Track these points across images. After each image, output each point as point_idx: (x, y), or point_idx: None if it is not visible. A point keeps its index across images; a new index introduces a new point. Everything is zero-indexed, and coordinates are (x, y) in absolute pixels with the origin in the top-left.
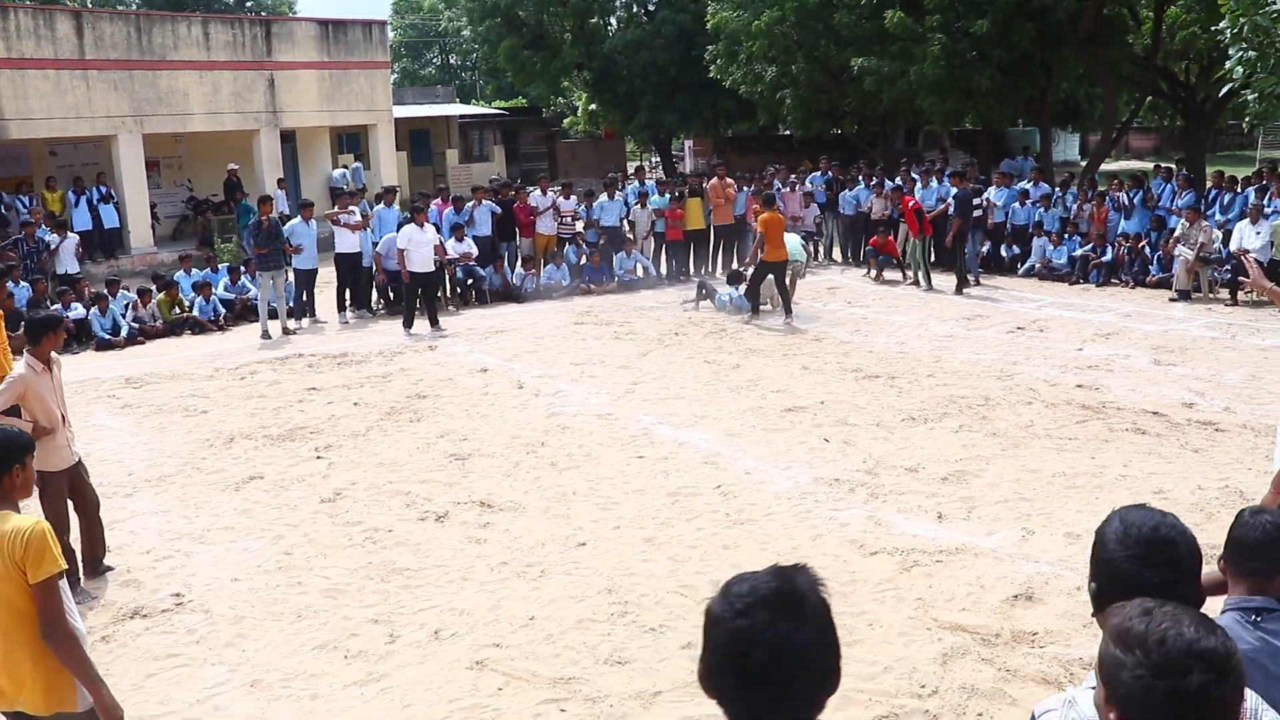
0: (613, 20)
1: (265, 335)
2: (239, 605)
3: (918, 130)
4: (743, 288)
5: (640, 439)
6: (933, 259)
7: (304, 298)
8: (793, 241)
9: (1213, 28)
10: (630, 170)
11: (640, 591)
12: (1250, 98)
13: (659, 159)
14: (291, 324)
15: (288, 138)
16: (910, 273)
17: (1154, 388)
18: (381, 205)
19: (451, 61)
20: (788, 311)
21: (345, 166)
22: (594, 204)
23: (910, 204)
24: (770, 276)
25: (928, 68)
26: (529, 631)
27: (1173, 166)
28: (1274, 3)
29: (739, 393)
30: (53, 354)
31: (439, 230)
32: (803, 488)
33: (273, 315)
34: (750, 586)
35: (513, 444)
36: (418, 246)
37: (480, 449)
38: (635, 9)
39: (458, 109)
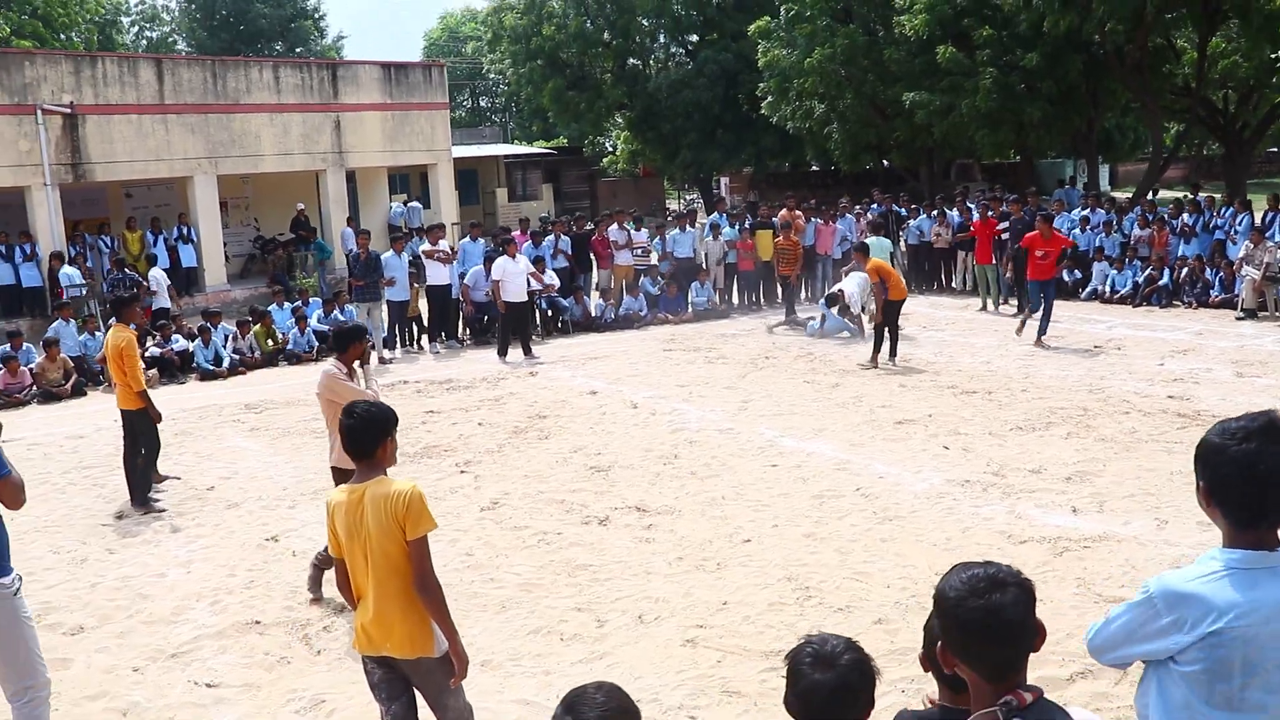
0: (650, 61)
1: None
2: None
3: (950, 164)
4: (835, 309)
5: (768, 450)
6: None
7: (397, 329)
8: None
9: (1273, 54)
10: (677, 206)
11: (818, 578)
12: None
13: (695, 196)
14: (386, 354)
15: (349, 177)
16: (982, 298)
17: (1243, 397)
18: (468, 239)
19: (481, 104)
20: (893, 353)
21: (404, 203)
22: (668, 236)
23: (991, 230)
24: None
25: (980, 100)
26: (726, 614)
27: (1211, 196)
28: None
29: (847, 408)
30: (356, 363)
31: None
32: (938, 489)
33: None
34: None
35: (647, 456)
36: (511, 277)
37: (617, 461)
38: (674, 49)
39: (506, 149)
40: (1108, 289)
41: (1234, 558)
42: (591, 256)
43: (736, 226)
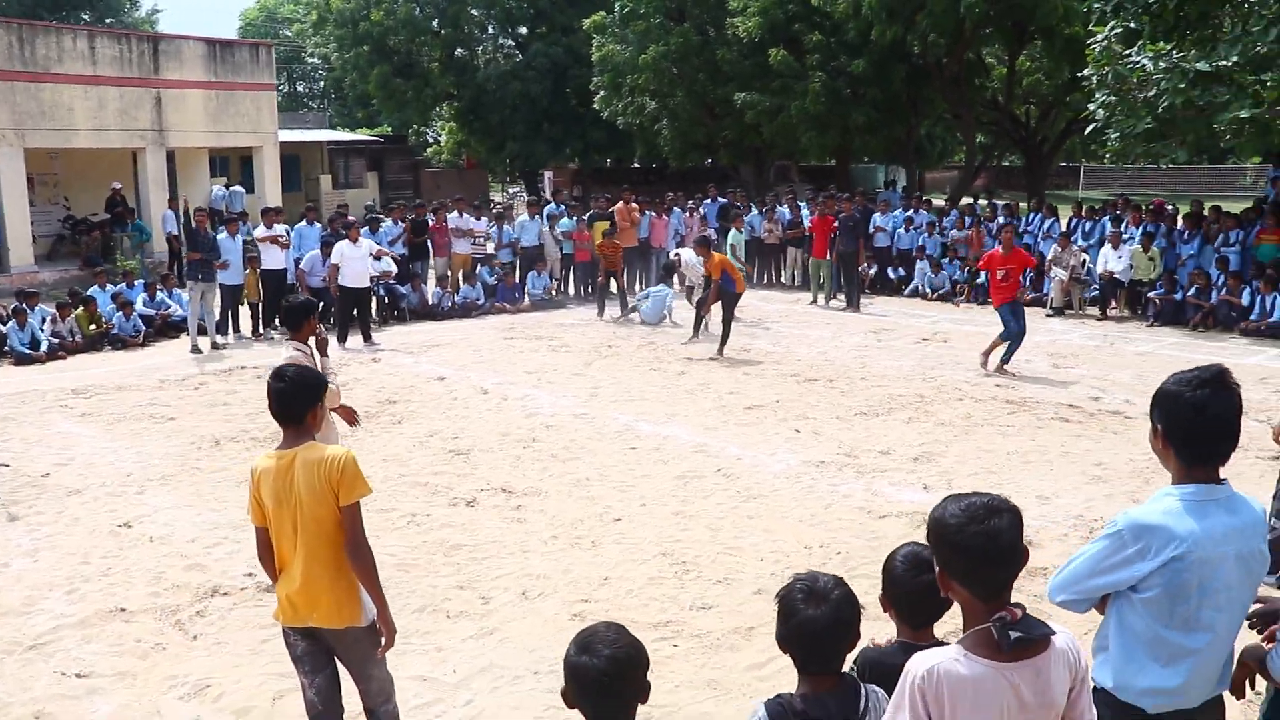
0: (480, 51)
1: (195, 350)
2: None
3: (768, 165)
4: (673, 278)
5: (626, 434)
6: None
7: (230, 314)
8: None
9: (1079, 74)
10: (500, 199)
11: (693, 554)
12: (1112, 136)
13: (519, 189)
14: (220, 339)
15: (168, 158)
16: (814, 292)
17: (1061, 386)
18: (303, 223)
19: (299, 89)
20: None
21: (226, 187)
22: (515, 223)
23: (828, 227)
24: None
25: (809, 103)
26: (608, 589)
27: (1013, 203)
28: (1130, 55)
29: (696, 395)
30: (313, 343)
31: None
32: (795, 469)
33: (201, 331)
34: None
35: (505, 440)
36: (350, 262)
37: (476, 445)
38: (504, 41)
39: (330, 135)
40: (928, 287)
41: (1188, 492)
42: (429, 244)
43: (574, 219)
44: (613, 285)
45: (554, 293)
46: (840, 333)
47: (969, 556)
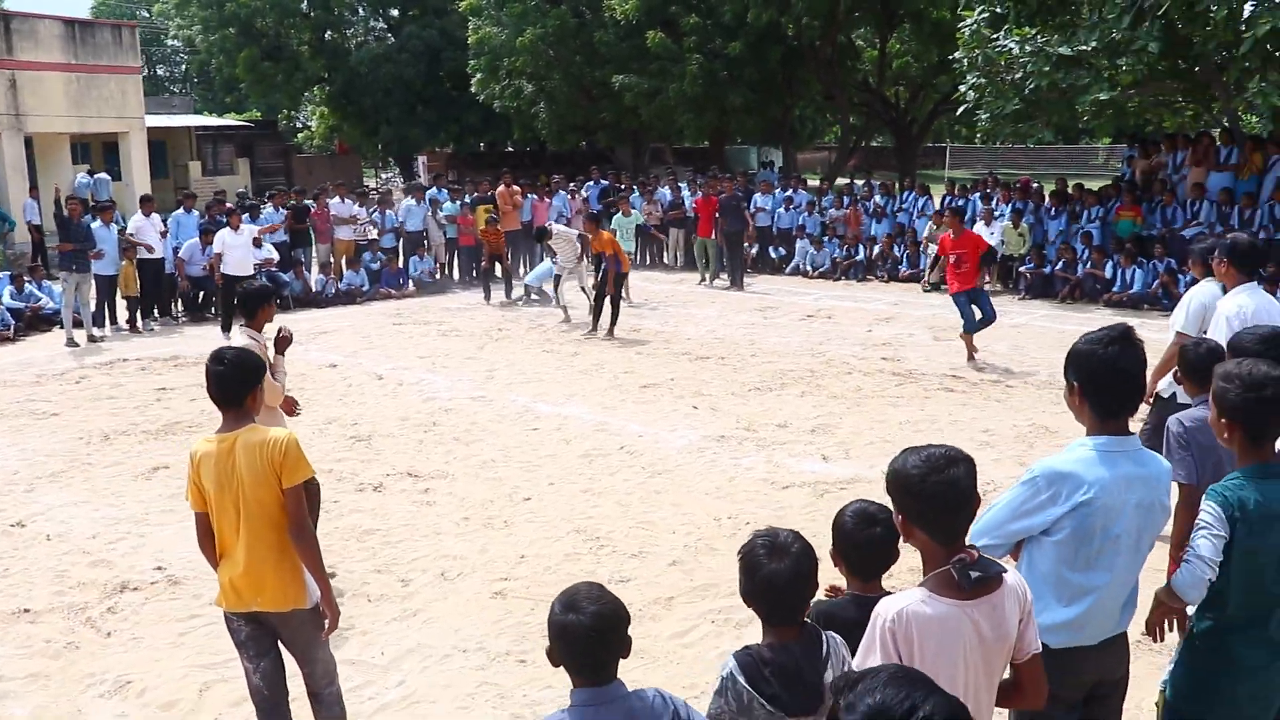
0: (351, 34)
1: (71, 343)
2: (210, 579)
3: (645, 147)
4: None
5: (525, 415)
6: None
7: (106, 305)
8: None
9: (950, 57)
10: (374, 184)
11: (606, 529)
12: (983, 117)
13: (393, 174)
14: (96, 331)
15: (26, 143)
16: (700, 271)
17: (944, 358)
18: (180, 211)
19: (159, 72)
20: (612, 324)
21: (90, 174)
22: (398, 208)
23: (711, 207)
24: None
25: (687, 85)
26: (527, 566)
27: (887, 182)
28: (998, 38)
29: (591, 375)
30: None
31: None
32: (696, 444)
33: (76, 323)
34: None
35: (405, 425)
36: (233, 250)
37: (376, 431)
38: (375, 23)
39: (198, 120)
40: (809, 265)
41: (1100, 442)
42: (311, 231)
43: (458, 203)
44: (498, 269)
45: (438, 277)
46: (727, 311)
47: (930, 504)
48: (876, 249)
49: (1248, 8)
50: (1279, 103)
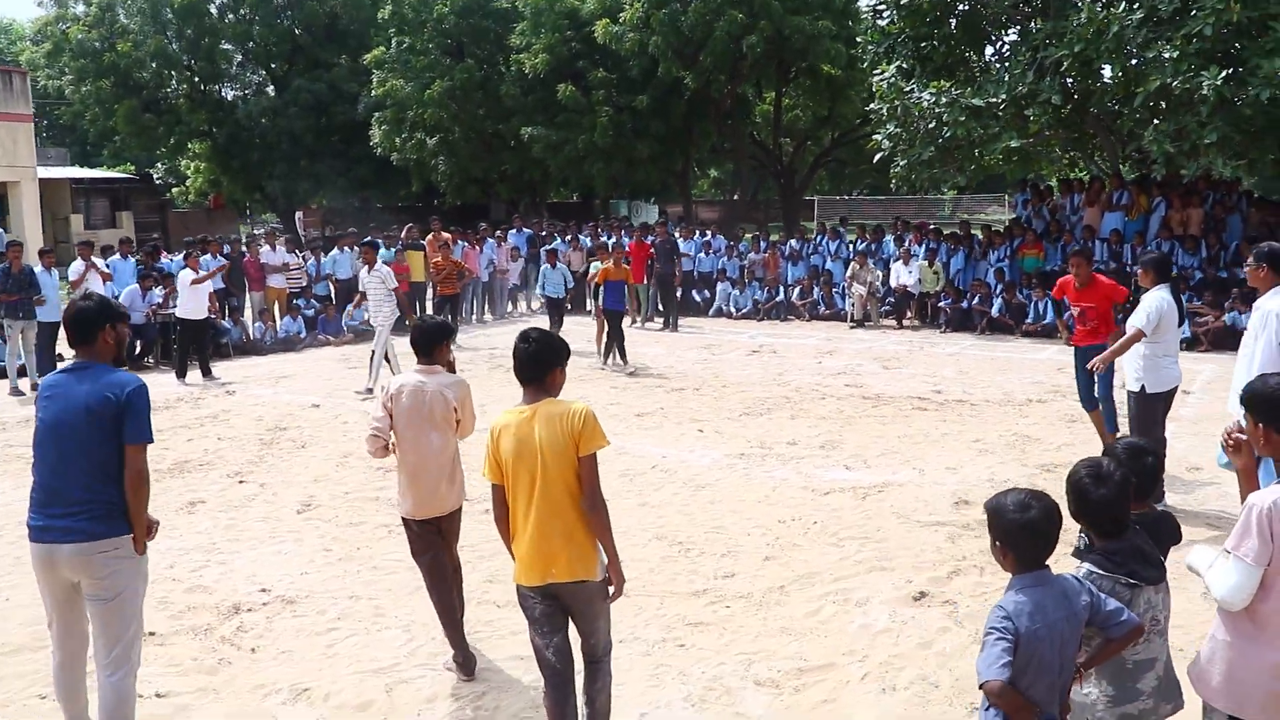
0: (236, 87)
1: (16, 391)
2: (336, 593)
3: (518, 201)
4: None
5: None
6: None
7: (47, 352)
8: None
9: (867, 108)
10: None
11: (684, 535)
12: (900, 164)
13: (272, 228)
14: (24, 384)
15: None
16: (631, 314)
17: (901, 383)
18: (117, 257)
19: None
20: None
21: None
22: (326, 258)
23: (645, 253)
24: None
25: (597, 136)
26: (633, 570)
27: (823, 223)
28: (911, 89)
29: None
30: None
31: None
32: (721, 461)
33: (20, 372)
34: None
35: None
36: (190, 294)
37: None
38: (259, 76)
39: (79, 172)
40: (732, 308)
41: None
42: (244, 280)
43: (391, 250)
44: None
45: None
46: (674, 349)
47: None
48: (797, 291)
49: (1134, 62)
50: (1170, 149)
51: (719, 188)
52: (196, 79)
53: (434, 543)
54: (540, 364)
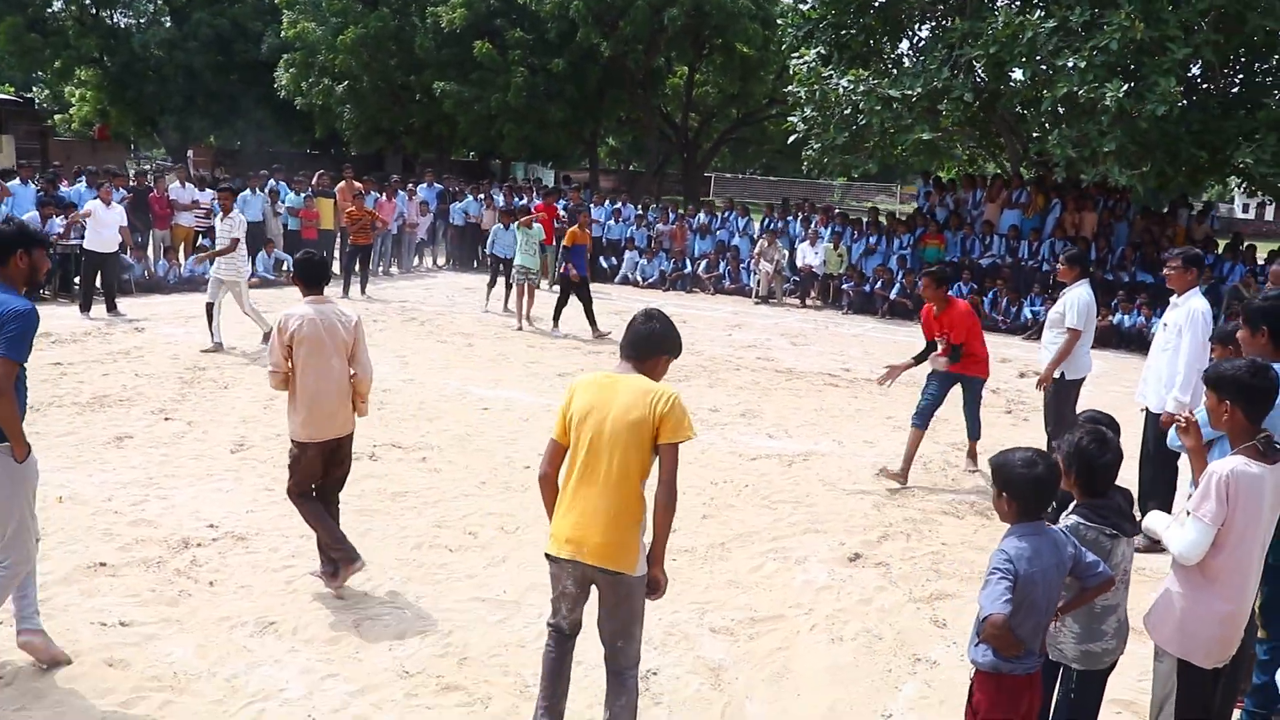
0: (125, 14)
1: None
2: (286, 531)
3: (414, 158)
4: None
5: (466, 397)
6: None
7: None
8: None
9: (785, 90)
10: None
11: None
12: (814, 147)
13: (166, 162)
14: None
15: None
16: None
17: (811, 360)
18: (16, 181)
19: None
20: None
21: None
22: (238, 198)
23: (552, 214)
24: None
25: (511, 96)
26: None
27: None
28: (829, 75)
29: (500, 364)
30: None
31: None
32: None
33: None
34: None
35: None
36: (102, 224)
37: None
38: (148, 3)
39: None
40: (639, 276)
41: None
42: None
43: (300, 195)
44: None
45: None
46: (580, 314)
47: (1258, 400)
48: (704, 264)
49: (1044, 68)
50: (1072, 154)
51: (614, 157)
52: (87, 1)
53: (319, 470)
54: (654, 346)
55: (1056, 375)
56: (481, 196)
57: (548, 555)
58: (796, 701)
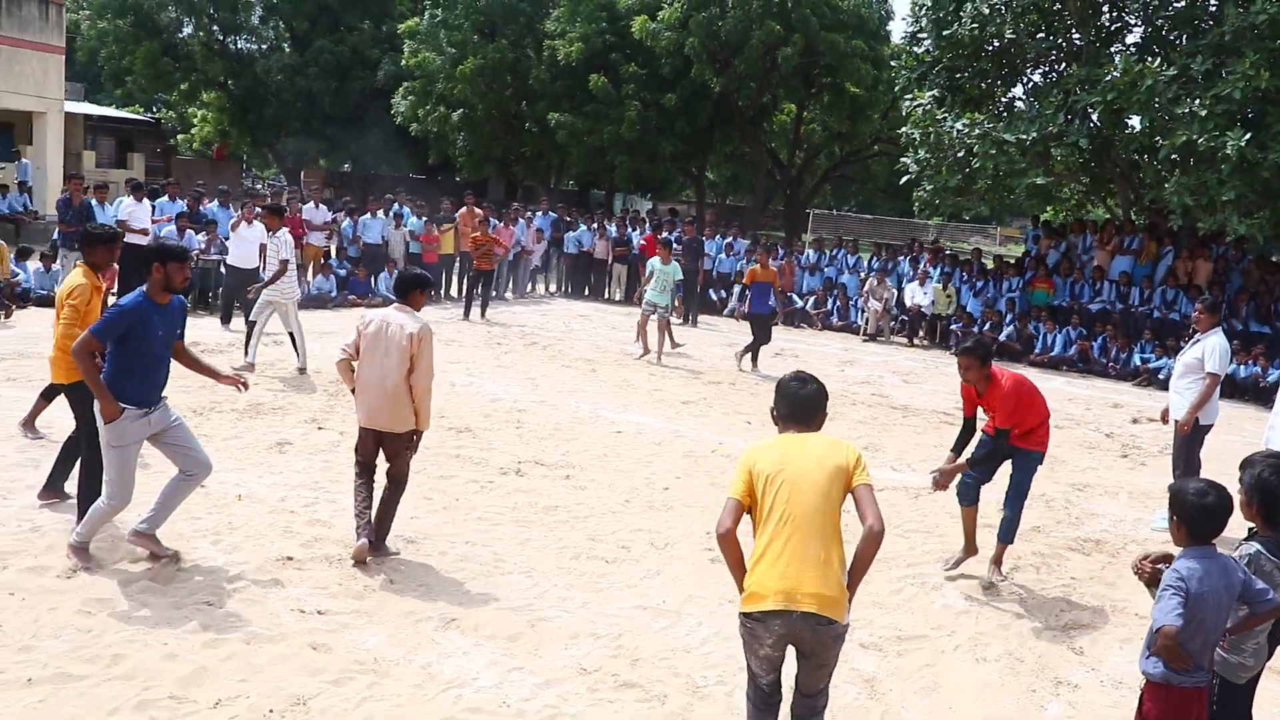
0: (255, 40)
1: None
2: (451, 537)
3: (516, 186)
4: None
5: (598, 420)
6: None
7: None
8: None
9: (897, 130)
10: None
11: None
12: (927, 189)
13: (280, 185)
14: None
15: None
16: None
17: (925, 398)
18: (165, 198)
19: None
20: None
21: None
22: (359, 221)
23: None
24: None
25: (624, 129)
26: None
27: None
28: (945, 119)
29: (625, 390)
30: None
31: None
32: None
33: None
34: None
35: (492, 421)
36: (242, 242)
37: (470, 425)
38: (278, 30)
39: (94, 109)
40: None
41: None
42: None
43: (422, 219)
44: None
45: None
46: (698, 345)
47: None
48: (812, 300)
49: (1163, 116)
50: (1189, 201)
51: (711, 190)
52: (214, 28)
53: (370, 451)
54: (819, 406)
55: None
56: (595, 226)
57: (746, 614)
58: (950, 714)
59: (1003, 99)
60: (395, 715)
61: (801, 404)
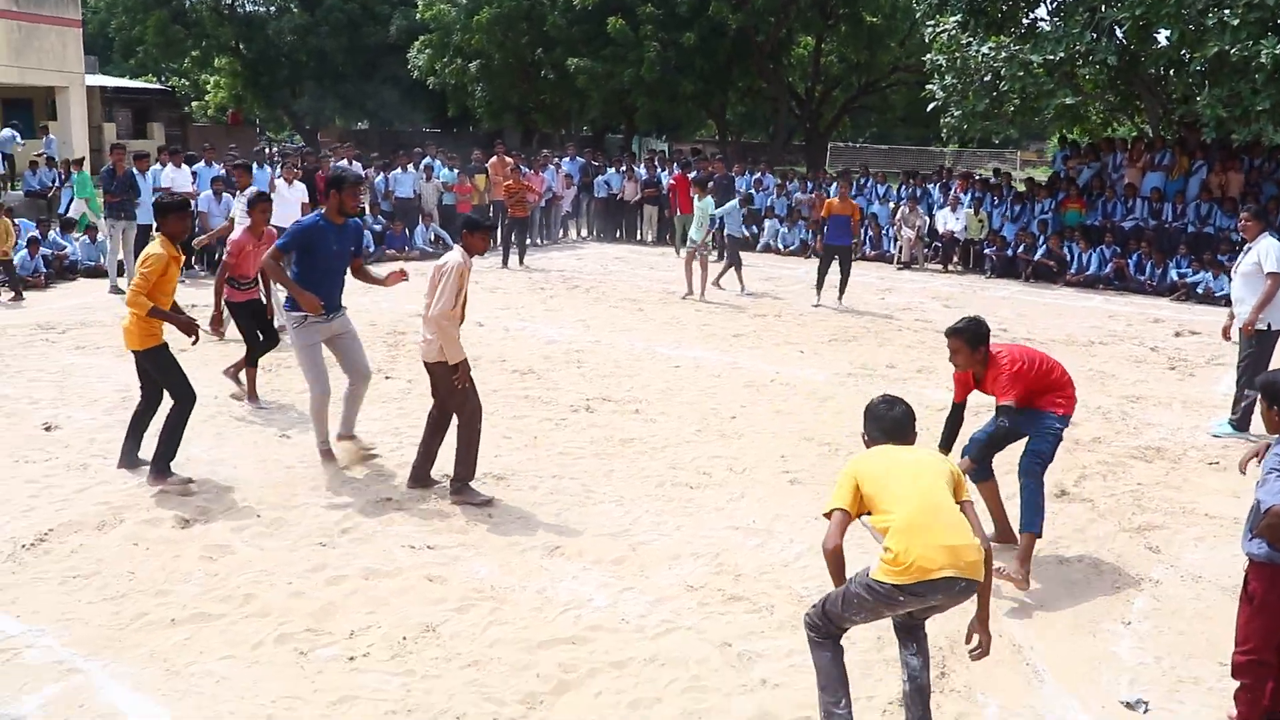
0: (250, 3)
1: (116, 289)
2: (539, 472)
3: (534, 133)
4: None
5: (655, 357)
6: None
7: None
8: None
9: (924, 57)
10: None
11: (833, 436)
12: (955, 115)
13: (299, 146)
14: (123, 283)
15: None
16: (677, 245)
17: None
18: (202, 164)
19: None
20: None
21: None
22: (390, 175)
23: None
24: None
25: (645, 71)
26: (797, 462)
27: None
28: (970, 44)
29: (674, 327)
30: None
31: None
32: (833, 380)
33: (120, 271)
34: None
35: (552, 363)
36: (282, 203)
37: (532, 367)
38: None
39: (111, 80)
40: (780, 244)
41: None
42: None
43: (454, 170)
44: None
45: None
46: (733, 280)
47: None
48: None
49: (1192, 27)
50: (1223, 113)
51: (728, 129)
52: None
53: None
54: (909, 426)
55: (1262, 326)
56: (624, 169)
57: (898, 586)
58: (1043, 611)
59: (1025, 20)
60: (522, 637)
61: (893, 425)
